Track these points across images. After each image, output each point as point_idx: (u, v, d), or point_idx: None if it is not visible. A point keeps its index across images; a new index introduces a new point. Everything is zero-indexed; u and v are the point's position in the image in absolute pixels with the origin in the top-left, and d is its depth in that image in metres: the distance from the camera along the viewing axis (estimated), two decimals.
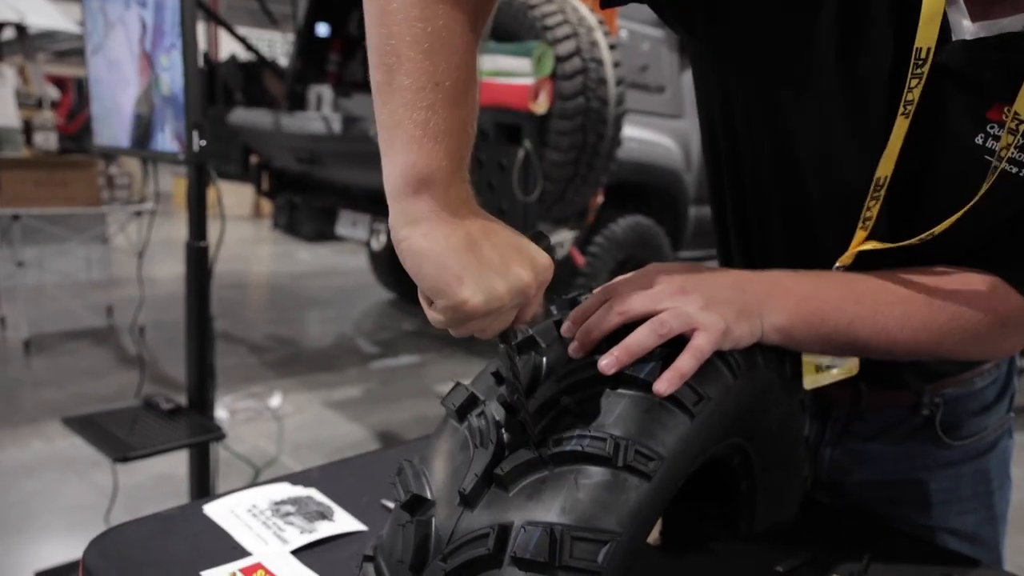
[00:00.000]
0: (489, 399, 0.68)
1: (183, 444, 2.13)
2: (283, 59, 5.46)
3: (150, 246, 2.67)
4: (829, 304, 0.77)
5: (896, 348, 0.79)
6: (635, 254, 4.63)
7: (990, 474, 1.04)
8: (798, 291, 0.76)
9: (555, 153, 3.56)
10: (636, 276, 0.73)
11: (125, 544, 0.85)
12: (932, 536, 1.02)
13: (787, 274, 0.79)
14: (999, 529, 1.06)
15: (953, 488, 1.02)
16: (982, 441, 1.03)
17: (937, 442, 1.00)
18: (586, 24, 3.61)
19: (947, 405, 0.99)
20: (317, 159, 4.47)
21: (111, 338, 4.99)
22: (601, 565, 0.58)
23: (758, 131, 0.87)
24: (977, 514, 1.04)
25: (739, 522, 0.90)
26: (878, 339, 0.78)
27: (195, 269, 2.15)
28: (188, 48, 1.94)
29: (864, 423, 1.02)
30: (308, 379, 4.45)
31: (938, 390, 0.99)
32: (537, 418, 0.65)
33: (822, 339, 0.78)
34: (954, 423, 1.00)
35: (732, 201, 0.97)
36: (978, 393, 1.01)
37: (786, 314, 0.75)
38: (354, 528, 0.89)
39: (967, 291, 0.79)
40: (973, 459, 1.02)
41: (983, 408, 1.02)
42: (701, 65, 0.94)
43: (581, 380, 0.67)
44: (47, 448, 3.34)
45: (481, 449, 0.64)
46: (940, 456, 1.01)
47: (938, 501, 1.02)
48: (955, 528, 1.03)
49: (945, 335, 0.79)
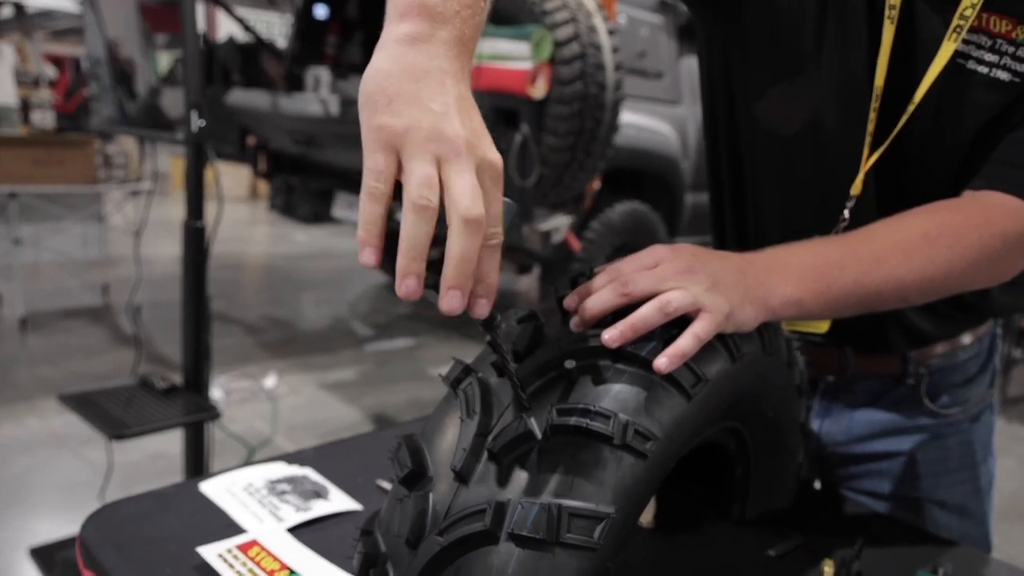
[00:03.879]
0: (483, 371, 0.68)
1: (178, 423, 2.14)
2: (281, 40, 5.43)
3: (147, 225, 2.67)
4: (830, 267, 0.77)
5: (908, 291, 0.80)
6: (631, 240, 4.63)
7: (974, 446, 1.07)
8: (797, 263, 0.77)
9: (552, 138, 3.55)
10: (642, 256, 0.73)
11: (122, 520, 0.85)
12: (922, 509, 1.04)
13: (784, 249, 0.79)
14: (985, 503, 1.09)
15: (940, 459, 1.05)
16: (965, 413, 1.06)
17: (923, 410, 1.03)
18: (585, 9, 3.59)
19: (931, 376, 1.02)
20: (314, 141, 4.45)
21: (107, 317, 4.99)
22: (597, 542, 0.58)
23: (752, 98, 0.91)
24: (964, 486, 1.07)
25: (733, 506, 0.91)
26: (887, 287, 0.78)
27: (192, 249, 2.15)
28: (188, 28, 1.93)
29: (851, 394, 1.05)
30: (303, 360, 4.45)
31: (924, 359, 1.01)
32: (534, 378, 0.65)
33: (832, 303, 0.77)
34: (938, 393, 1.03)
35: (729, 178, 0.99)
36: (961, 365, 1.04)
37: (790, 288, 0.75)
38: (349, 507, 0.90)
39: (960, 216, 0.81)
40: (957, 432, 1.05)
41: (966, 380, 1.05)
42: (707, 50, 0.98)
43: (582, 350, 0.66)
44: (42, 425, 3.34)
45: (468, 421, 0.64)
46: (926, 427, 1.04)
47: (927, 473, 1.05)
48: (944, 500, 1.05)
49: (951, 263, 0.79)
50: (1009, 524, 3.18)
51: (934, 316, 0.98)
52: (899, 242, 0.79)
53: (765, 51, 0.89)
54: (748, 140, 0.96)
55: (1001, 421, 4.23)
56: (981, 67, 0.79)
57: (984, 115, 0.81)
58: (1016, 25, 0.76)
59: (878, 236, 0.80)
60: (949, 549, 0.91)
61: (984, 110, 0.81)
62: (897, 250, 0.78)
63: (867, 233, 0.81)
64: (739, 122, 0.96)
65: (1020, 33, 0.76)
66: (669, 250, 0.73)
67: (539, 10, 3.50)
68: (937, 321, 0.99)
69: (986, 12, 0.77)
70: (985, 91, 0.80)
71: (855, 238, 0.80)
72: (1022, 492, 3.48)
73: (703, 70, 1.01)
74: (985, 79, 0.79)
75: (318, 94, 4.35)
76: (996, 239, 0.80)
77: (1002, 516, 3.18)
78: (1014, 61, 0.78)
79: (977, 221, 0.80)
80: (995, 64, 0.78)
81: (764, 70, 0.90)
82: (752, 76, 0.92)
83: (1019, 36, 0.76)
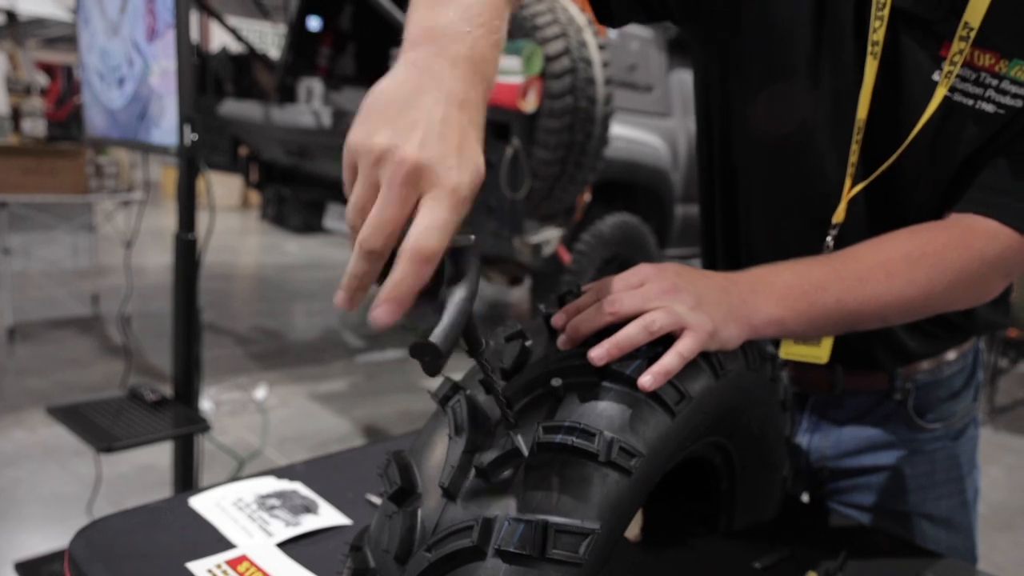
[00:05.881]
0: (471, 388, 0.69)
1: (168, 435, 2.13)
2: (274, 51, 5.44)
3: (138, 235, 2.67)
4: (812, 287, 0.78)
5: (888, 312, 0.81)
6: (621, 252, 4.65)
7: (960, 459, 1.08)
8: (780, 283, 0.78)
9: (543, 151, 3.57)
10: (628, 275, 0.74)
11: (111, 535, 0.85)
12: (910, 522, 1.06)
13: (768, 269, 0.80)
14: (971, 515, 1.10)
15: (927, 473, 1.06)
16: (951, 427, 1.07)
17: (910, 425, 1.05)
18: (575, 24, 3.62)
19: (918, 391, 1.04)
20: (306, 152, 4.46)
21: (96, 327, 4.97)
22: (583, 558, 0.59)
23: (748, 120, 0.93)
24: (951, 499, 1.08)
25: (719, 519, 0.92)
26: (869, 307, 0.80)
27: (183, 261, 2.15)
28: (181, 40, 1.93)
29: (840, 409, 1.06)
30: (294, 372, 4.45)
31: (910, 374, 1.03)
32: (521, 396, 0.66)
33: (814, 322, 0.79)
34: (925, 408, 1.05)
35: (721, 192, 1.00)
36: (946, 380, 1.05)
37: (773, 307, 0.76)
38: (339, 522, 0.90)
39: (942, 238, 0.83)
40: (944, 445, 1.07)
41: (951, 395, 1.06)
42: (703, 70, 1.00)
43: (568, 367, 0.67)
44: (29, 437, 3.33)
45: (456, 439, 0.65)
46: (914, 441, 1.06)
47: (915, 487, 1.06)
48: (931, 513, 1.07)
49: (931, 285, 0.81)
50: (996, 533, 3.20)
51: (920, 335, 1.00)
52: (882, 263, 0.80)
53: (760, 73, 0.91)
54: (741, 155, 0.98)
55: (988, 431, 4.26)
56: (967, 100, 0.80)
57: (970, 146, 0.83)
58: (999, 59, 0.78)
59: (861, 256, 0.82)
60: (934, 561, 0.92)
61: (970, 141, 0.83)
62: (879, 271, 0.80)
63: (851, 253, 0.82)
64: (733, 138, 0.98)
65: (1003, 67, 0.78)
66: (654, 269, 0.74)
67: (530, 25, 3.52)
68: (923, 339, 1.00)
69: (971, 47, 0.79)
70: (970, 123, 0.81)
71: (839, 258, 0.82)
72: (1009, 501, 3.50)
73: (699, 86, 1.03)
74: (970, 111, 0.81)
75: (310, 105, 4.36)
76: (975, 261, 0.82)
77: (989, 525, 3.19)
78: (998, 93, 0.79)
79: (957, 243, 0.82)
80: (979, 96, 0.80)
81: (759, 91, 0.92)
82: (748, 97, 0.94)
83: (1002, 70, 0.78)
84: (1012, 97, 0.79)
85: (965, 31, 0.76)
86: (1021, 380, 4.88)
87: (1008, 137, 0.82)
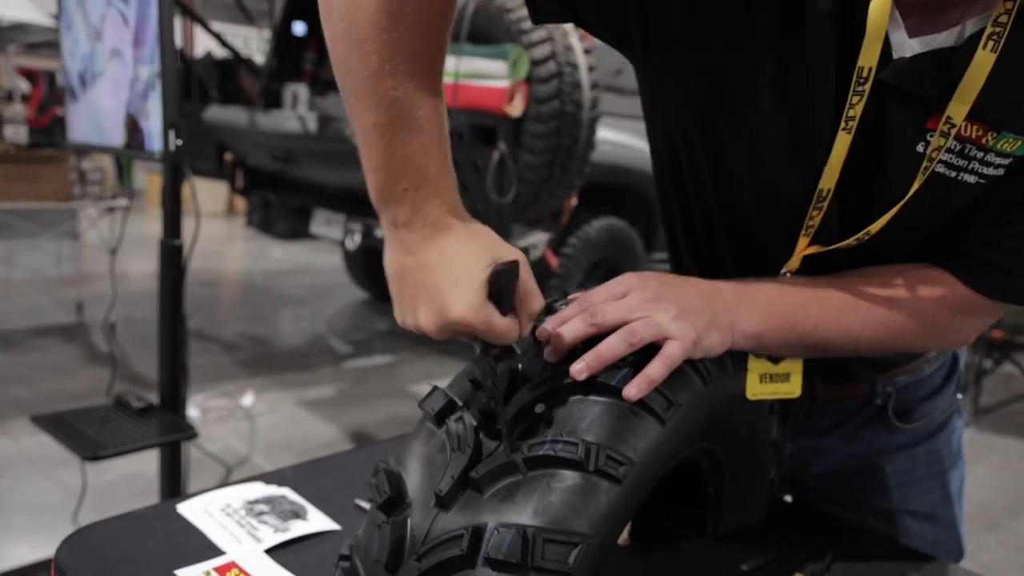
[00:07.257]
0: (467, 404, 0.70)
1: (154, 443, 2.11)
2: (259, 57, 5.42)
3: (123, 242, 2.65)
4: (795, 309, 0.79)
5: (860, 346, 0.83)
6: (608, 256, 4.66)
7: (941, 454, 1.09)
8: (765, 298, 0.79)
9: (530, 155, 3.58)
10: (611, 285, 0.75)
11: (98, 543, 0.85)
12: (894, 519, 1.06)
13: (752, 283, 0.81)
14: (956, 508, 1.11)
15: (908, 470, 1.07)
16: (932, 423, 1.08)
17: (890, 427, 1.05)
18: (561, 28, 3.62)
19: (899, 393, 1.04)
20: (292, 158, 4.45)
21: (81, 335, 4.93)
22: (572, 566, 0.59)
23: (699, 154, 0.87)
24: (934, 494, 1.09)
25: (706, 522, 0.92)
26: (843, 339, 0.81)
27: (169, 268, 2.14)
28: (165, 45, 1.92)
29: (821, 417, 1.07)
30: (281, 378, 4.43)
31: (890, 379, 1.04)
32: (514, 424, 0.67)
33: (790, 342, 0.80)
34: (906, 409, 1.05)
35: (680, 215, 0.98)
36: (927, 379, 1.06)
37: (755, 321, 0.77)
38: (327, 527, 0.90)
39: (924, 287, 0.83)
40: (925, 441, 1.07)
41: (932, 392, 1.07)
42: (647, 88, 0.93)
43: (556, 388, 0.68)
44: (13, 446, 3.30)
45: (458, 453, 0.65)
46: (894, 440, 1.06)
47: (896, 484, 1.07)
48: (915, 509, 1.07)
49: (906, 330, 0.82)
50: (982, 532, 3.22)
51: None
52: (864, 300, 0.81)
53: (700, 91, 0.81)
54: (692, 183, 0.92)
55: (973, 431, 4.29)
56: (949, 171, 0.76)
57: (945, 215, 0.81)
58: (987, 131, 0.73)
59: (845, 289, 0.82)
60: (921, 563, 0.93)
61: (946, 210, 0.80)
62: (860, 307, 0.81)
63: (834, 284, 0.82)
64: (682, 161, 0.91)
65: (991, 139, 0.74)
66: (638, 279, 0.74)
67: (516, 29, 3.53)
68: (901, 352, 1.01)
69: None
70: (950, 194, 0.77)
71: (822, 286, 0.82)
72: (993, 501, 3.53)
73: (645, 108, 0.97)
74: (951, 182, 0.76)
75: (296, 111, 4.36)
76: (955, 318, 0.84)
77: (974, 524, 3.22)
78: (981, 165, 0.75)
79: (939, 300, 0.82)
80: (963, 168, 0.76)
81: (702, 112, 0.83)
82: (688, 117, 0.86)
83: (989, 142, 0.74)
84: (995, 168, 0.75)
85: (947, 127, 0.72)
86: (1006, 381, 4.91)
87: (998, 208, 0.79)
